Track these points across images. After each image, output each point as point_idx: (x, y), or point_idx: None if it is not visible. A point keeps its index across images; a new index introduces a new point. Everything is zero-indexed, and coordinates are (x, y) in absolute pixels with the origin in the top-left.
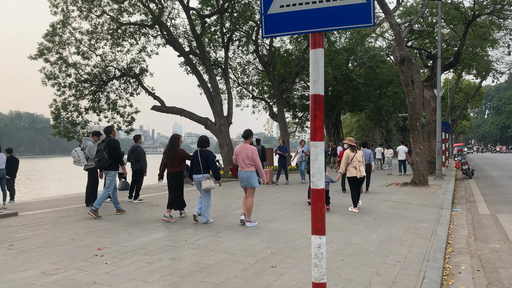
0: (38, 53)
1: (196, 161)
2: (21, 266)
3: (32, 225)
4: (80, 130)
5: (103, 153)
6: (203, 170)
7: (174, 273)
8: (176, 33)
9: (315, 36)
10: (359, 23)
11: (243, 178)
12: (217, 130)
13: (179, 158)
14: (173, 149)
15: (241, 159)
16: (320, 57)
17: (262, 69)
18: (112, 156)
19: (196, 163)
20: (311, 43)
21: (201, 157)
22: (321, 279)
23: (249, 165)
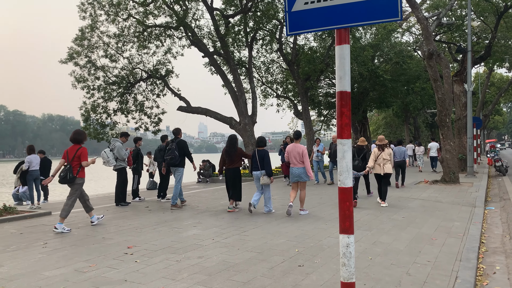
0: (68, 57)
1: (254, 159)
2: (55, 263)
3: (65, 223)
4: (109, 131)
5: (175, 152)
6: (261, 167)
7: (202, 271)
8: (201, 34)
9: (341, 32)
10: (386, 17)
11: (295, 173)
12: (241, 129)
13: (237, 156)
14: (233, 148)
15: (293, 156)
16: (346, 53)
17: (286, 67)
18: (182, 154)
19: (255, 161)
20: (336, 39)
21: (258, 156)
22: (350, 278)
23: (301, 162)
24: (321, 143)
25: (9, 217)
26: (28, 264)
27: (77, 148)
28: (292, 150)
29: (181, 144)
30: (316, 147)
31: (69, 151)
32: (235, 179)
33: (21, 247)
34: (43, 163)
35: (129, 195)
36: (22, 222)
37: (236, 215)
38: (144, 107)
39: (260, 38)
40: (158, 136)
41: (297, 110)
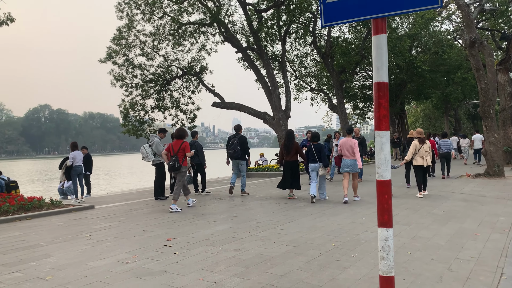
0: (107, 56)
1: (311, 152)
2: (99, 255)
3: (107, 217)
4: (147, 127)
5: (237, 147)
6: (318, 160)
7: (238, 263)
8: (234, 30)
9: (377, 22)
10: (425, 5)
11: (348, 164)
12: (275, 124)
13: (294, 150)
14: (291, 142)
15: (346, 149)
16: (383, 43)
17: (320, 60)
18: (243, 149)
19: (312, 154)
20: (373, 29)
21: (315, 149)
22: (389, 272)
23: (352, 154)
24: (341, 137)
25: (55, 210)
26: (74, 255)
27: (181, 142)
28: (345, 143)
29: (242, 139)
30: (335, 141)
31: (174, 145)
32: (294, 170)
33: (68, 238)
34: (86, 159)
35: (167, 189)
36: (67, 215)
37: (272, 209)
38: (180, 103)
39: (294, 31)
40: None
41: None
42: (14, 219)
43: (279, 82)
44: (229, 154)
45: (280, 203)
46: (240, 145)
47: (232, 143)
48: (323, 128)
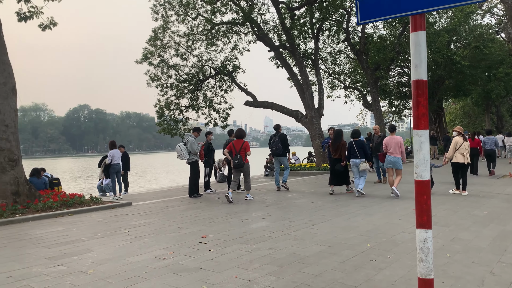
0: (143, 57)
1: (353, 149)
2: (137, 250)
3: (144, 214)
4: (181, 126)
5: (278, 144)
6: (360, 156)
7: (272, 262)
8: (266, 29)
9: (416, 18)
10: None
11: (391, 161)
12: (308, 122)
13: (341, 148)
14: (339, 141)
15: (391, 147)
16: (421, 40)
17: (354, 57)
18: (284, 146)
19: (353, 151)
20: (411, 25)
21: (356, 145)
22: (428, 274)
23: (398, 152)
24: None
25: (95, 207)
26: (113, 250)
27: (242, 142)
28: (391, 141)
29: (282, 137)
30: None
31: (235, 144)
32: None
33: (107, 234)
34: (124, 157)
35: (201, 187)
36: (106, 211)
37: (305, 209)
38: (213, 102)
39: (327, 28)
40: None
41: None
42: (57, 214)
43: (312, 80)
44: (271, 151)
45: (314, 202)
46: (281, 142)
47: (274, 141)
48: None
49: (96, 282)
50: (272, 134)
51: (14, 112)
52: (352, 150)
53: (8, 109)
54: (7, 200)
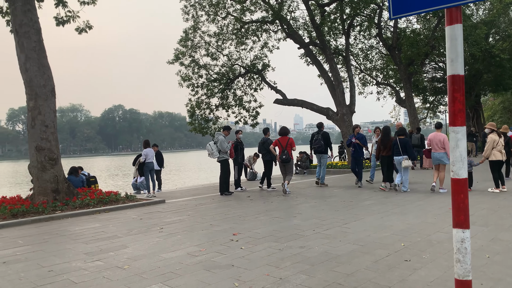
0: (175, 57)
1: (396, 146)
2: (170, 247)
3: (177, 211)
4: (212, 125)
5: (321, 142)
6: (402, 153)
7: (304, 261)
8: (296, 26)
9: (452, 11)
10: None
11: (436, 157)
12: (339, 119)
13: (389, 145)
14: (387, 138)
15: (435, 143)
16: (458, 33)
17: (386, 53)
18: (326, 144)
19: (396, 148)
20: (446, 19)
21: (400, 143)
22: (466, 276)
23: (441, 148)
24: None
25: (130, 204)
26: (148, 247)
27: (287, 139)
28: (434, 137)
29: (325, 135)
30: (375, 138)
31: (281, 140)
32: (390, 165)
33: (142, 231)
34: (157, 155)
35: (232, 185)
36: (141, 209)
37: (336, 207)
38: (242, 101)
39: (358, 24)
40: (256, 129)
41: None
42: (94, 211)
43: (343, 77)
44: (313, 149)
45: (345, 201)
46: (323, 140)
47: (316, 139)
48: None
49: (131, 278)
50: (314, 132)
51: (54, 113)
52: (396, 147)
53: (47, 110)
54: (48, 197)
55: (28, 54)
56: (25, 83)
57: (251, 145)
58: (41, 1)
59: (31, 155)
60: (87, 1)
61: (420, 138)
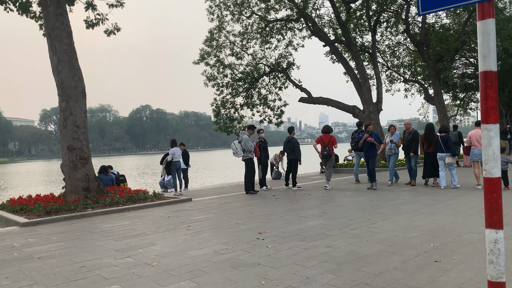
0: (200, 58)
1: (439, 143)
2: (197, 244)
3: (203, 209)
4: (236, 124)
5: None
6: (445, 150)
7: (330, 260)
8: (321, 23)
9: (484, 6)
10: None
11: (476, 154)
12: (366, 117)
13: (434, 142)
14: (432, 135)
15: (475, 140)
16: (490, 28)
17: (414, 49)
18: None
19: (439, 145)
20: (478, 13)
21: (442, 140)
22: (499, 277)
23: (479, 145)
24: (396, 132)
25: (158, 202)
26: (175, 244)
27: (329, 136)
28: (474, 134)
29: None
30: (389, 137)
31: (323, 138)
32: (434, 161)
33: (169, 228)
34: (184, 154)
35: (256, 183)
36: (168, 207)
37: (363, 207)
38: (267, 100)
39: (384, 20)
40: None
41: (428, 94)
42: (123, 209)
43: (370, 74)
44: (352, 146)
45: (373, 200)
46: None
47: (359, 138)
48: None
49: (160, 274)
50: (354, 130)
51: (84, 114)
52: (438, 145)
53: (78, 111)
54: (79, 195)
55: (60, 56)
56: (57, 84)
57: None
58: (72, 5)
59: (63, 155)
60: (115, 3)
61: (458, 135)
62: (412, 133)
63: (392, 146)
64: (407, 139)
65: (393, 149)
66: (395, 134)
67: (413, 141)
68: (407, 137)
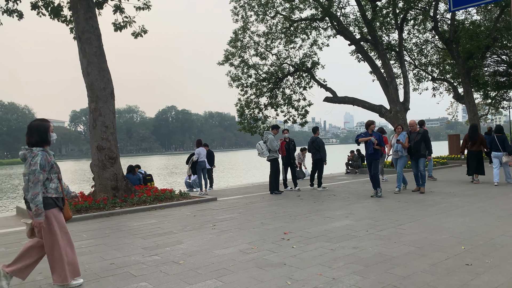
0: (225, 58)
1: (494, 143)
2: (223, 244)
3: (228, 209)
4: (260, 124)
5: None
6: (502, 149)
7: (357, 261)
8: (346, 22)
9: None
10: None
11: None
12: (392, 117)
13: (479, 141)
14: (476, 134)
15: None
16: None
17: (442, 46)
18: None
19: (495, 145)
20: None
21: (498, 140)
22: None
23: None
24: (403, 132)
25: (184, 201)
26: (202, 243)
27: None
28: None
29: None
30: (395, 137)
31: None
32: (478, 159)
33: (195, 227)
34: (209, 154)
35: (281, 184)
36: (194, 206)
37: (390, 208)
38: (291, 100)
39: (412, 18)
40: (304, 128)
41: (457, 93)
42: (150, 208)
43: (396, 73)
44: None
45: (400, 201)
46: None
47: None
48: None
49: (187, 272)
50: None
51: (113, 114)
52: (494, 144)
53: (107, 111)
54: (108, 194)
55: (90, 59)
56: (87, 86)
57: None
58: (101, 8)
59: (92, 154)
60: (142, 6)
61: None
62: (421, 133)
63: (398, 147)
64: (415, 140)
65: (400, 151)
66: (401, 133)
67: (420, 143)
68: (414, 138)
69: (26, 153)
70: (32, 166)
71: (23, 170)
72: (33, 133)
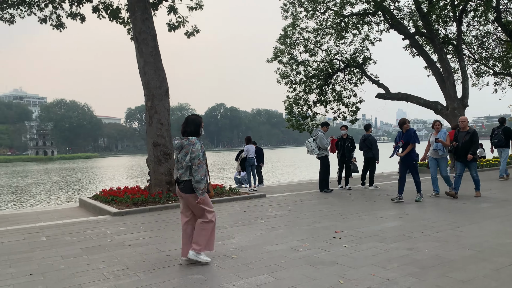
0: (274, 56)
1: None
2: (273, 240)
3: (278, 205)
4: (309, 122)
5: (501, 136)
6: None
7: (413, 263)
8: (400, 16)
9: None
10: None
11: None
12: (449, 114)
13: None
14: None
15: None
16: None
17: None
18: (507, 137)
19: None
20: None
21: None
22: None
23: None
24: (443, 129)
25: (234, 197)
26: (252, 238)
27: None
28: None
29: (506, 129)
30: (434, 135)
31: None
32: None
33: (246, 223)
34: (257, 151)
35: (331, 182)
36: (243, 202)
37: (448, 209)
38: (342, 96)
39: (471, 9)
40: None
41: None
42: None
43: (454, 68)
44: (493, 143)
45: (458, 203)
46: (503, 135)
47: (496, 133)
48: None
49: (239, 267)
50: (495, 126)
51: (167, 112)
52: None
53: (162, 109)
54: (163, 188)
55: (146, 58)
56: (144, 85)
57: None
58: (156, 10)
59: (148, 150)
60: (195, 6)
61: None
62: (471, 133)
63: (439, 146)
64: (463, 140)
65: (440, 149)
66: (441, 131)
67: (471, 141)
68: (463, 137)
69: (183, 142)
70: (195, 151)
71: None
72: (190, 125)
